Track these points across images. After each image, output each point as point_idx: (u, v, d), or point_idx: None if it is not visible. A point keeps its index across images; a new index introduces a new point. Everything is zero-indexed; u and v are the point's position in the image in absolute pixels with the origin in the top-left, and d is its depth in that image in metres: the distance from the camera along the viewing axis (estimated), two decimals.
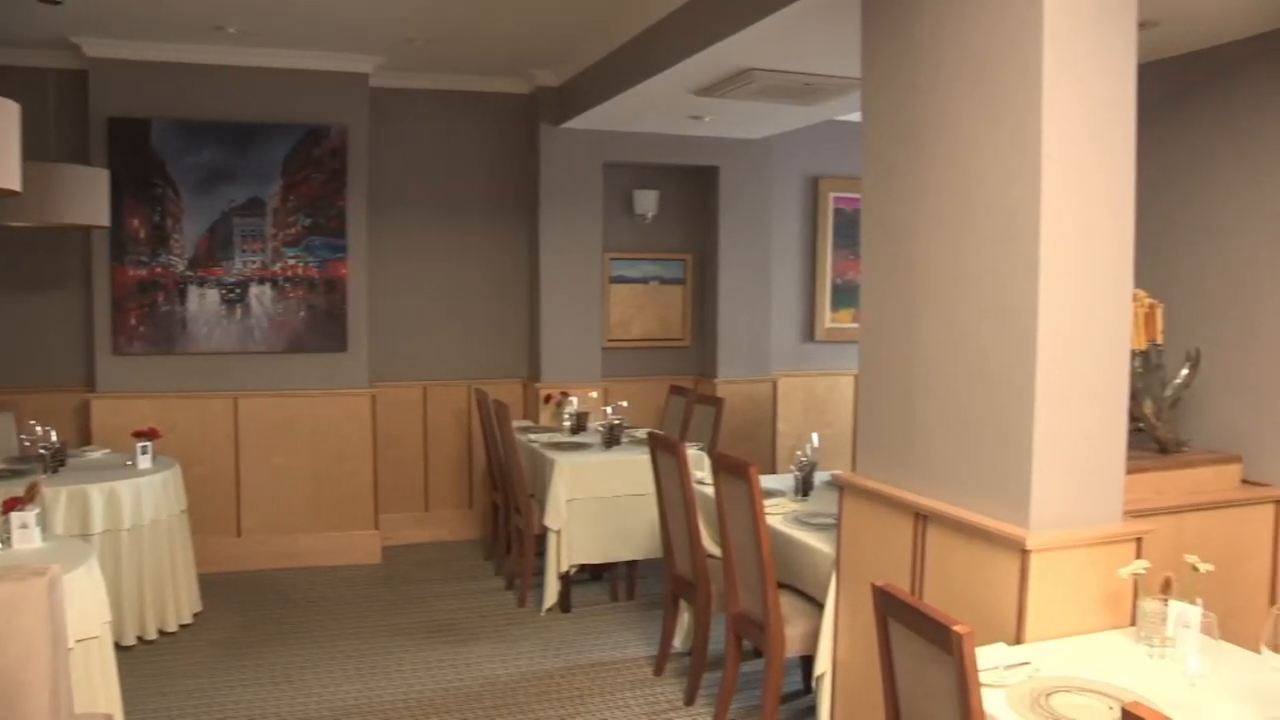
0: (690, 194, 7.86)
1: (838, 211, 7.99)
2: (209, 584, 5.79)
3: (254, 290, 6.43)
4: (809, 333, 8.05)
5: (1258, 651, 2.37)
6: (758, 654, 4.22)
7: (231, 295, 6.39)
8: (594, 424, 6.39)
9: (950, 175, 3.12)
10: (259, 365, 6.47)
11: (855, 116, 3.68)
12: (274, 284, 6.45)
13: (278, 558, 6.48)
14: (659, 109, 6.44)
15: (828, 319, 8.05)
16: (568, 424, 6.42)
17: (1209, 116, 3.86)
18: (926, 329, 3.24)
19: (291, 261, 6.46)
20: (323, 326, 6.54)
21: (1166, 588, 2.75)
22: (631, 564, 5.90)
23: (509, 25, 5.76)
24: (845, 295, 7.99)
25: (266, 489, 6.48)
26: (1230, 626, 2.68)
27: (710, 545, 4.44)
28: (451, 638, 5.28)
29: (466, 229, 7.23)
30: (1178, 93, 3.97)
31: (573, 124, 6.96)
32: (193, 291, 6.30)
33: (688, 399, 6.83)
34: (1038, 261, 2.77)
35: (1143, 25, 3.49)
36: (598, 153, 7.22)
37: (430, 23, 5.70)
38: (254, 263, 6.40)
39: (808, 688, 4.43)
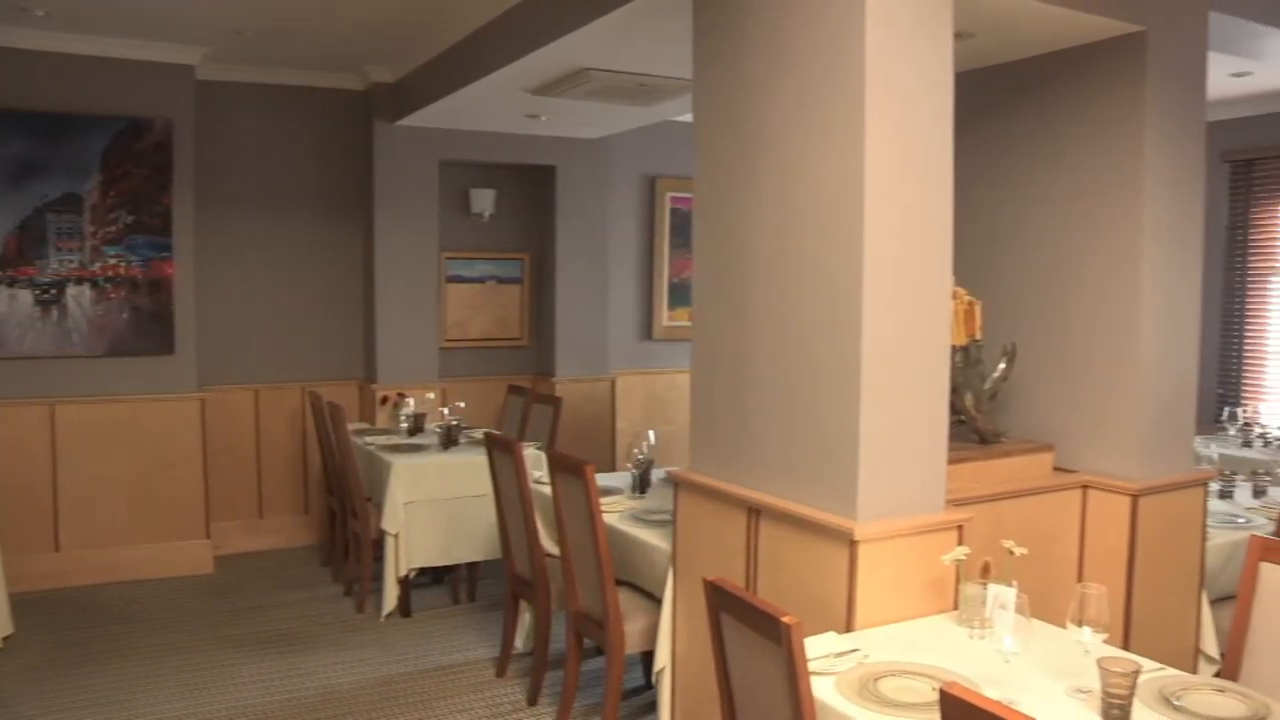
0: (528, 193, 7.83)
1: (675, 211, 8.09)
2: (21, 604, 5.43)
3: (71, 291, 6.08)
4: (647, 331, 8.13)
5: (1065, 627, 2.51)
6: (599, 652, 4.24)
7: (46, 296, 6.03)
8: (431, 425, 6.31)
9: (777, 175, 3.20)
10: (78, 370, 6.13)
11: (691, 117, 3.74)
12: (93, 284, 6.12)
13: (100, 572, 6.15)
14: (496, 107, 6.39)
15: (665, 317, 8.15)
16: (405, 426, 6.32)
17: (1024, 123, 4.06)
18: (756, 327, 3.32)
19: (112, 260, 6.15)
20: (147, 328, 6.25)
21: (985, 572, 2.88)
22: (472, 566, 5.84)
23: (341, 20, 5.62)
24: (683, 294, 8.10)
25: (86, 501, 6.14)
26: (1044, 605, 2.84)
27: (549, 544, 4.44)
28: (288, 647, 5.13)
29: (299, 228, 7.02)
30: (996, 100, 4.16)
31: (408, 121, 6.85)
32: (2, 292, 5.93)
33: (526, 398, 6.81)
34: (861, 261, 2.87)
35: (960, 36, 3.65)
36: (433, 151, 7.12)
37: (259, 13, 5.50)
38: (71, 262, 6.06)
39: (649, 683, 4.48)
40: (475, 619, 5.58)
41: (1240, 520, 4.40)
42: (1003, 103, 4.13)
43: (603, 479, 4.78)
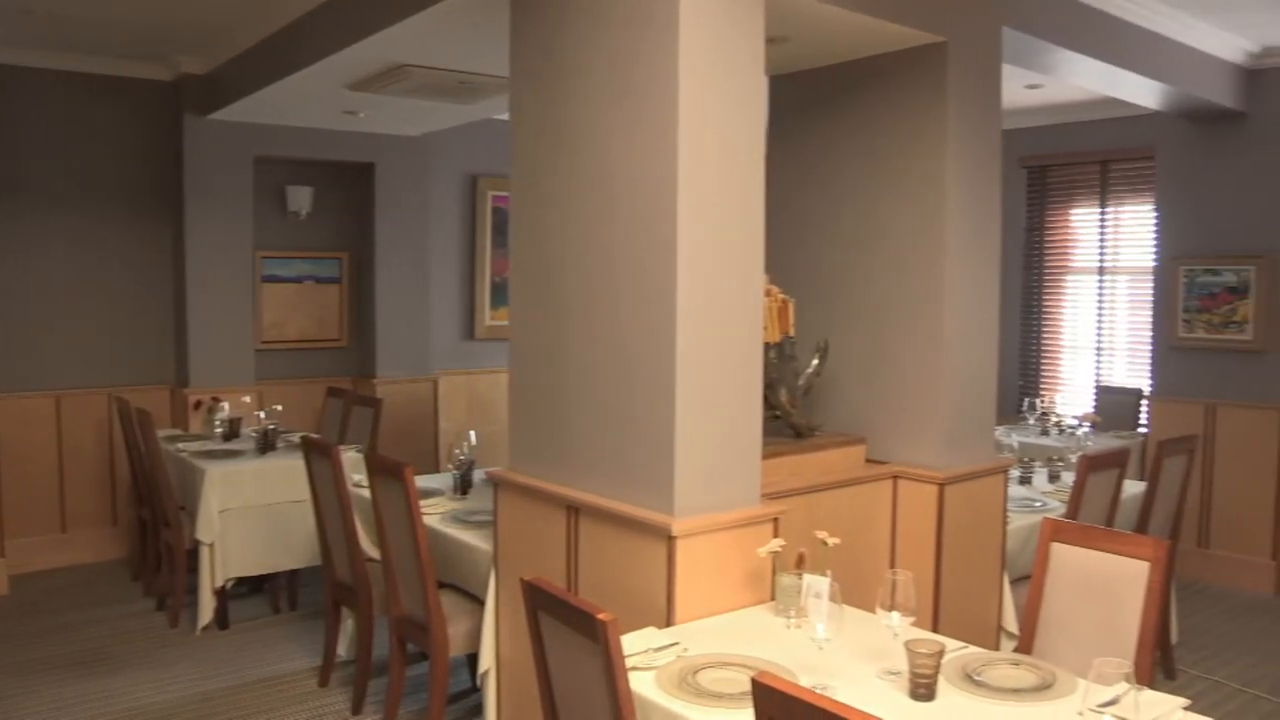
0: (346, 191, 7.64)
1: (497, 210, 8.04)
2: None
3: None
4: (469, 331, 8.06)
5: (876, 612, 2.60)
6: (423, 656, 4.18)
7: None
8: (247, 430, 6.08)
9: (592, 175, 3.22)
10: None
11: None
12: None
13: None
14: (312, 103, 6.22)
15: (488, 317, 8.09)
16: (219, 431, 6.08)
17: (838, 126, 4.18)
18: (573, 325, 3.33)
19: None
20: None
21: (800, 563, 2.97)
22: (292, 573, 5.67)
23: (144, 5, 5.35)
24: (505, 293, 8.04)
25: None
26: (860, 592, 2.93)
27: (370, 549, 4.35)
28: (96, 668, 4.85)
29: (103, 224, 6.65)
30: (811, 103, 4.28)
31: (220, 115, 6.58)
32: None
33: (346, 401, 6.65)
34: (674, 260, 2.91)
35: (774, 40, 3.74)
36: (247, 146, 6.86)
37: None
38: None
39: (475, 686, 4.44)
40: (296, 628, 5.42)
41: (1037, 504, 4.67)
42: (818, 105, 4.25)
43: (424, 481, 4.73)
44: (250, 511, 5.33)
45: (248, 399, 6.62)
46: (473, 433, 4.89)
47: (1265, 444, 6.35)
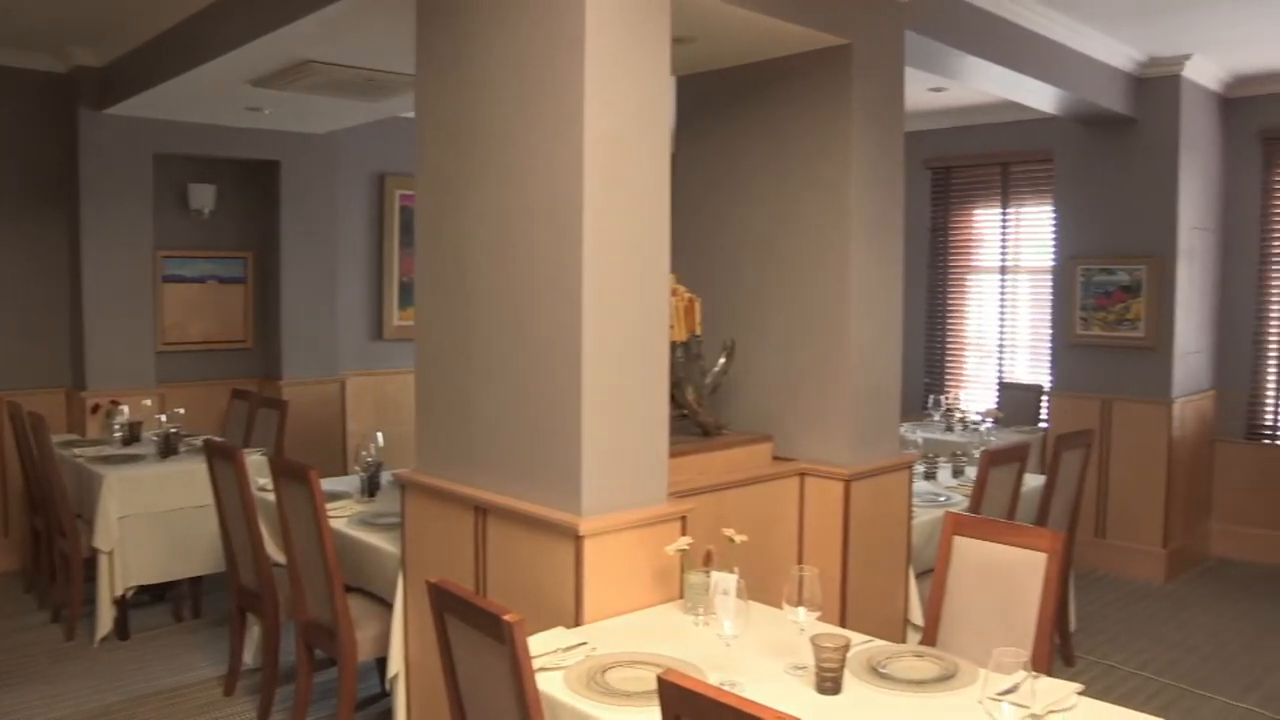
0: (250, 189, 7.49)
1: (405, 209, 7.94)
2: None
3: None
4: (378, 331, 7.96)
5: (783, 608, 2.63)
6: (331, 662, 4.12)
7: None
8: (148, 434, 5.92)
9: (498, 174, 3.20)
10: None
11: None
12: None
13: None
14: (215, 99, 6.07)
15: (396, 317, 8.00)
16: (119, 435, 5.91)
17: (745, 126, 4.22)
18: (479, 325, 3.30)
19: None
20: None
21: (708, 560, 2.99)
22: (195, 580, 5.54)
23: None
24: (413, 293, 7.94)
25: None
26: (768, 588, 2.96)
27: (275, 553, 4.27)
28: None
29: None
30: (719, 103, 4.31)
31: (118, 110, 6.39)
32: None
33: (251, 403, 6.52)
34: (580, 260, 2.91)
35: (680, 40, 3.76)
36: (147, 142, 6.67)
37: None
38: None
39: (385, 690, 4.38)
40: (200, 636, 5.29)
41: (942, 499, 4.76)
42: (725, 106, 4.28)
43: (331, 483, 4.67)
44: (151, 518, 5.19)
45: (148, 402, 6.44)
46: (380, 434, 4.83)
47: (1156, 437, 6.57)
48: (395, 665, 3.74)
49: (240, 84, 5.64)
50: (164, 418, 5.72)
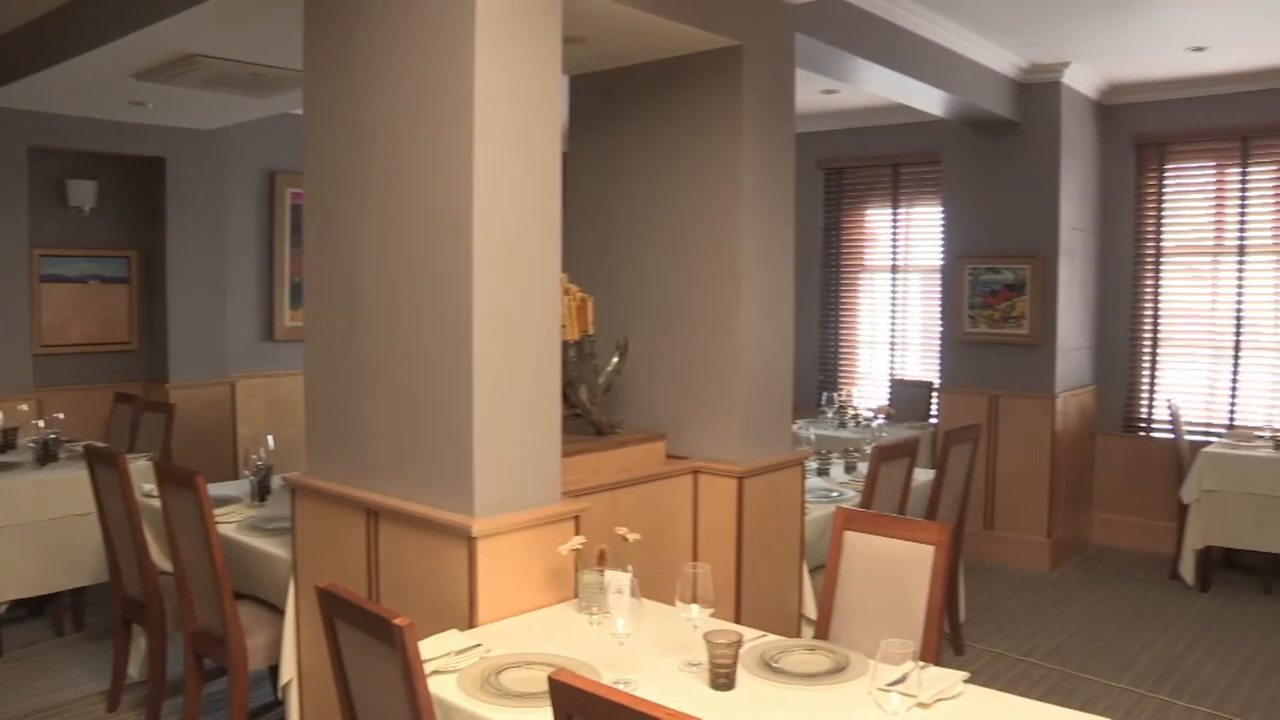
0: (134, 186, 7.27)
1: (295, 208, 7.79)
2: None
3: None
4: (268, 332, 7.79)
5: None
6: (222, 672, 4.01)
7: None
8: (25, 440, 5.70)
9: (388, 172, 3.16)
10: None
11: None
12: None
13: None
14: (95, 91, 5.87)
15: (288, 318, 7.84)
16: None
17: (639, 126, 4.23)
18: (369, 325, 3.26)
19: None
20: None
21: (602, 559, 2.99)
22: (77, 592, 5.35)
23: None
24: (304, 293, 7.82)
25: None
26: (664, 586, 2.97)
27: (162, 561, 4.16)
28: None
29: None
30: (612, 103, 4.31)
31: None
32: None
33: (135, 407, 6.32)
34: (471, 259, 2.89)
35: (571, 40, 3.75)
36: (21, 135, 6.43)
37: None
38: None
39: (278, 699, 4.29)
40: (82, 651, 5.11)
41: (834, 494, 4.85)
42: (618, 106, 4.29)
43: (219, 488, 4.57)
44: (28, 528, 4.99)
45: (25, 407, 6.19)
46: (270, 437, 4.73)
47: (1041, 431, 6.78)
48: (287, 673, 3.67)
49: (122, 76, 5.47)
50: (42, 423, 5.51)
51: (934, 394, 7.55)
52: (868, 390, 8.27)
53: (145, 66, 5.25)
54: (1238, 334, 6.92)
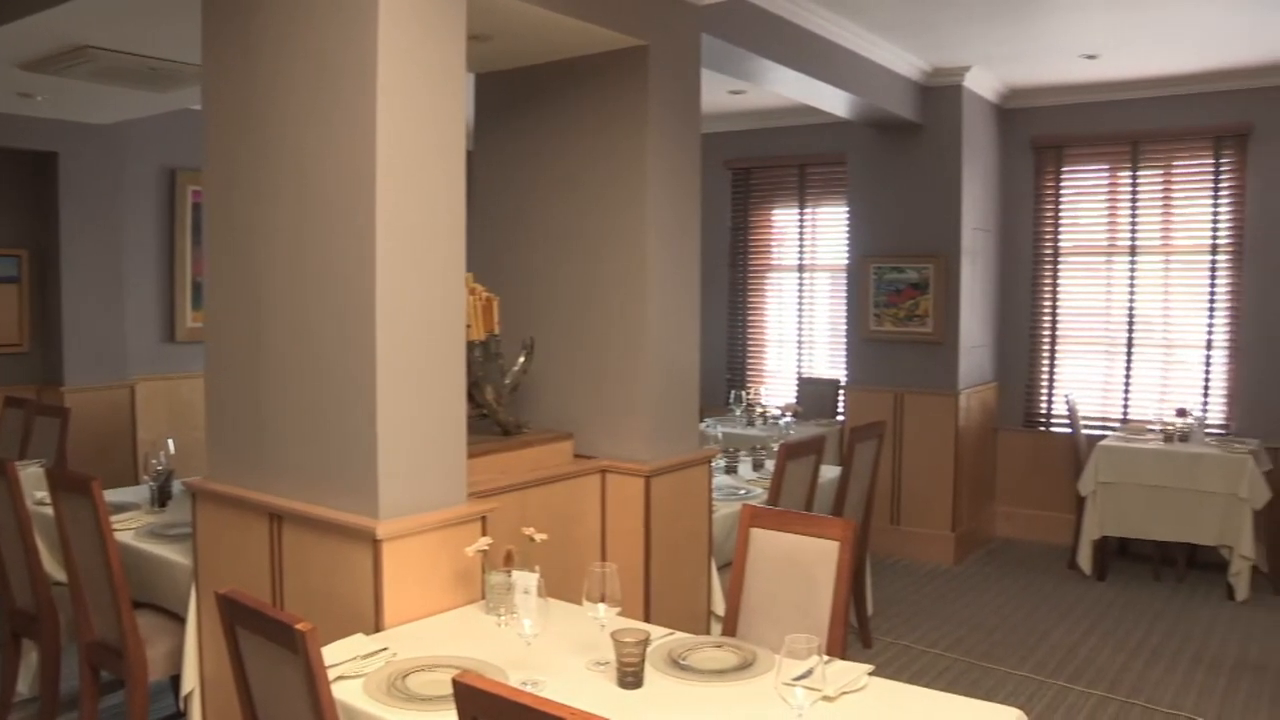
0: (23, 182, 7.01)
1: (197, 206, 7.60)
2: None
3: None
4: (170, 333, 7.58)
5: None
6: (120, 684, 3.90)
7: None
8: None
9: (291, 171, 3.11)
10: None
11: None
12: None
13: None
14: None
15: (190, 318, 7.64)
16: None
17: (545, 125, 4.22)
18: (272, 326, 3.20)
19: None
20: None
21: (509, 560, 2.98)
22: None
23: None
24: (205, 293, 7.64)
25: None
26: (572, 586, 2.97)
27: (55, 571, 4.03)
28: None
29: None
30: (519, 102, 4.29)
31: None
32: None
33: (27, 411, 6.11)
34: (374, 259, 2.86)
35: (476, 38, 3.73)
36: None
37: None
38: None
39: (179, 710, 4.19)
40: None
41: (742, 492, 4.90)
42: (524, 105, 4.27)
43: (118, 494, 4.47)
44: None
45: None
46: (170, 440, 4.60)
47: (945, 427, 6.93)
48: (189, 682, 3.59)
49: (6, 67, 5.26)
50: None
51: (840, 391, 7.66)
52: (776, 388, 8.37)
53: (32, 57, 5.06)
54: (1130, 332, 7.15)
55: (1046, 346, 7.50)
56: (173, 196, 7.54)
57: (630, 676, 2.44)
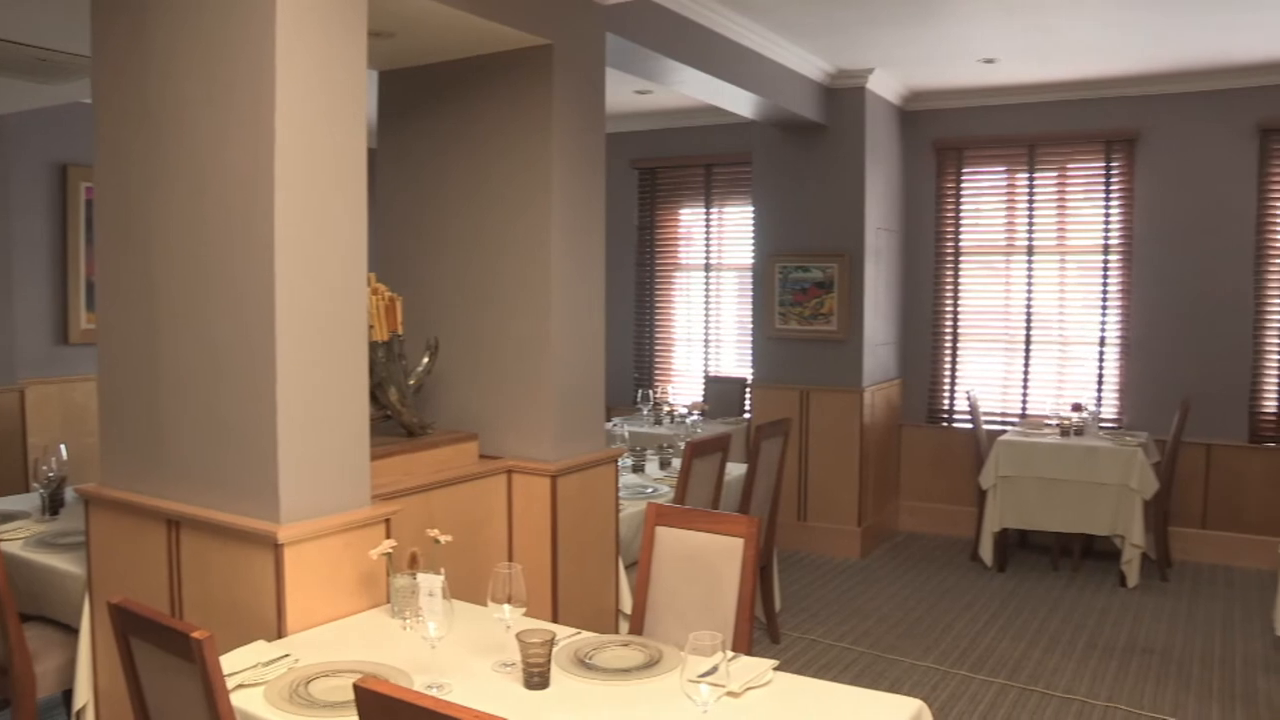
0: None
1: (90, 203, 7.37)
2: None
3: None
4: (63, 335, 7.33)
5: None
6: (5, 703, 3.77)
7: None
8: None
9: (186, 167, 3.03)
10: None
11: None
12: None
13: None
14: None
15: (84, 320, 7.39)
16: None
17: (449, 124, 4.18)
18: (168, 327, 3.12)
19: None
20: None
21: (414, 562, 2.95)
22: None
23: None
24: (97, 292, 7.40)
25: None
26: (480, 587, 2.95)
27: None
28: None
29: None
30: (422, 100, 4.24)
31: None
32: None
33: None
34: (273, 257, 2.80)
35: (378, 34, 3.69)
36: None
37: None
38: None
39: None
40: None
41: (649, 491, 4.92)
42: (428, 103, 4.23)
43: (7, 502, 4.36)
44: None
45: None
46: (63, 446, 4.46)
47: (850, 424, 7.04)
48: (83, 697, 3.48)
49: None
50: None
51: (747, 389, 7.73)
52: (683, 387, 8.42)
53: None
54: (1028, 329, 7.36)
55: (948, 344, 7.67)
56: (65, 193, 7.29)
57: (536, 677, 2.43)
